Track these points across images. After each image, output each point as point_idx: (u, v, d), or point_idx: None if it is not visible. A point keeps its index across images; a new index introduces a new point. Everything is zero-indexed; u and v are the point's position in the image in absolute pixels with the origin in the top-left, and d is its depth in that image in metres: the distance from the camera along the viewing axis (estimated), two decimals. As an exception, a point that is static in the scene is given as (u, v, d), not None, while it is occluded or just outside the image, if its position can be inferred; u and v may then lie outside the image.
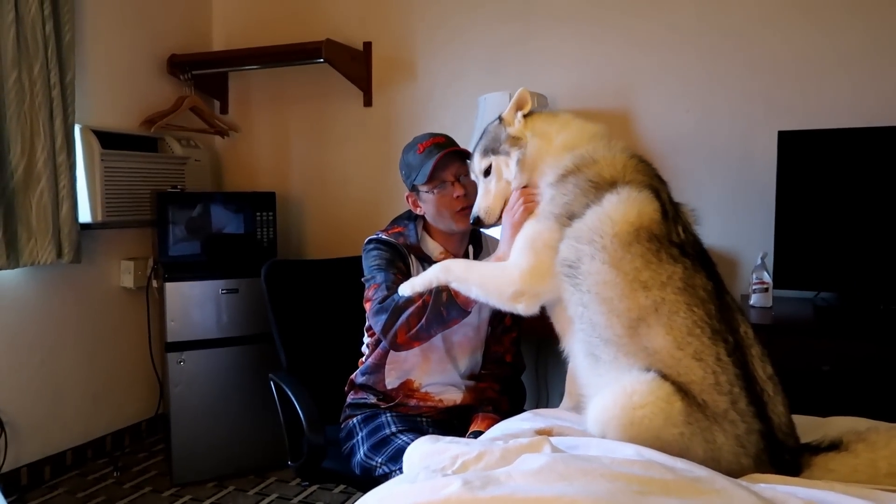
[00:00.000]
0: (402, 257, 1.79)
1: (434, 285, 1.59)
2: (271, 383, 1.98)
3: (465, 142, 2.18)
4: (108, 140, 2.79)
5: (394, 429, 1.75)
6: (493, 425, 1.53)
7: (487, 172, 1.56)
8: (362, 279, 1.80)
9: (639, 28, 2.68)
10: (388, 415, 1.81)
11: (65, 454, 2.82)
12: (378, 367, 1.83)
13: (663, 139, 2.66)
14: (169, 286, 2.69)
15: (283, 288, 2.10)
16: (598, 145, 1.39)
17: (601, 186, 1.30)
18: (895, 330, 1.97)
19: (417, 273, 1.79)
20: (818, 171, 2.27)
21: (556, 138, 1.45)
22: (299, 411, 1.79)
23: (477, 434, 1.60)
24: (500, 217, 1.56)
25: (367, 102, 3.18)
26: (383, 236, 1.82)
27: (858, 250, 2.24)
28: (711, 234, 1.41)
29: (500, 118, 1.56)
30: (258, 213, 2.96)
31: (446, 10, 3.00)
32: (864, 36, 2.38)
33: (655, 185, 1.33)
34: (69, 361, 2.84)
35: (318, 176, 3.32)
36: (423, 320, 1.59)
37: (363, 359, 1.89)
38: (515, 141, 1.49)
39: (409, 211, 1.89)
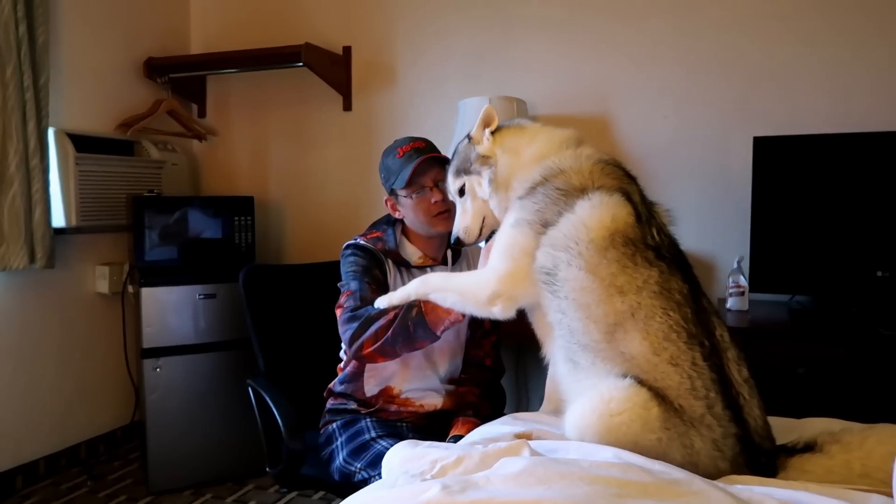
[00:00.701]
0: (378, 264, 1.79)
1: (412, 298, 1.58)
2: (249, 389, 1.97)
3: (445, 146, 2.18)
4: (82, 143, 2.75)
5: (373, 434, 1.74)
6: (473, 429, 1.53)
7: (462, 192, 1.55)
8: (339, 284, 1.80)
9: (617, 35, 2.71)
10: (368, 420, 1.80)
11: (37, 463, 2.77)
12: (356, 376, 1.82)
13: (641, 144, 2.69)
14: (145, 291, 2.66)
15: (262, 293, 2.09)
16: (565, 155, 1.38)
17: (571, 194, 1.30)
18: (868, 332, 2.00)
19: (395, 279, 1.79)
20: (793, 177, 2.31)
21: (525, 153, 1.45)
22: (277, 417, 1.78)
23: (457, 438, 1.59)
24: (480, 235, 1.56)
25: (347, 107, 3.17)
26: (361, 242, 1.81)
27: (832, 254, 2.27)
28: (688, 238, 1.42)
29: (469, 137, 1.54)
30: (236, 218, 2.93)
31: (426, 15, 3.00)
32: (838, 43, 2.42)
33: (625, 187, 1.33)
34: (42, 368, 2.79)
35: (297, 180, 3.30)
36: (390, 333, 1.59)
37: (341, 366, 1.88)
38: (485, 160, 1.48)
39: (388, 215, 1.89)
